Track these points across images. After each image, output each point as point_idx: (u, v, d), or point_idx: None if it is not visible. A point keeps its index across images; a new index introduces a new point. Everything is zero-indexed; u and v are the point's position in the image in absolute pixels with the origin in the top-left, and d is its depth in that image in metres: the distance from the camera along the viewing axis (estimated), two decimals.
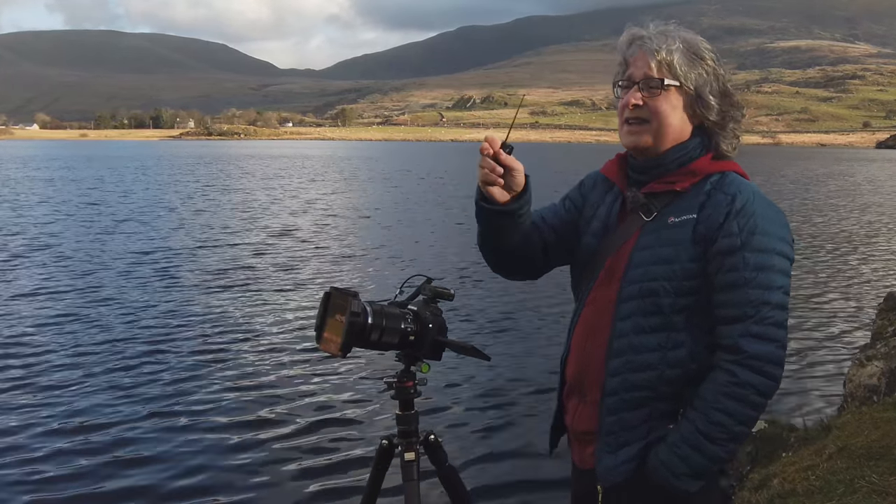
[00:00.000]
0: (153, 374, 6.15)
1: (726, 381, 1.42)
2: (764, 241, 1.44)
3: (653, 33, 1.54)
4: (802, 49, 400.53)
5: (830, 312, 8.63)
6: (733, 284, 1.43)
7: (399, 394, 1.68)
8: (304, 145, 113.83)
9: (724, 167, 1.55)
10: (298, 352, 6.80)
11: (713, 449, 1.42)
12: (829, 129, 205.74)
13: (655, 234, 1.51)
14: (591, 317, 1.58)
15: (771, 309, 1.43)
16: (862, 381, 3.89)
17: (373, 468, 1.75)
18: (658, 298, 1.47)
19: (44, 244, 13.16)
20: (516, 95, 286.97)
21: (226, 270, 10.99)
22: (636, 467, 1.49)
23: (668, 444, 1.46)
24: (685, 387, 1.48)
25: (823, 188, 29.29)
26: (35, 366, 6.33)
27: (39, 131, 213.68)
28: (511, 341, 7.33)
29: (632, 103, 1.52)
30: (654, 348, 1.48)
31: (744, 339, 1.42)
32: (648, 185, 1.56)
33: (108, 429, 5.03)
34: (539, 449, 4.73)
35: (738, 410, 1.42)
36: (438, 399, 5.59)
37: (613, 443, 1.52)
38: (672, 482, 1.45)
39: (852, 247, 14.11)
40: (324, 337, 1.59)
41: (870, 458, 3.08)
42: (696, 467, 1.44)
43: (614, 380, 1.51)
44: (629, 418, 1.51)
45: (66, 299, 8.88)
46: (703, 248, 1.46)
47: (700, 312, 1.48)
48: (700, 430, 1.43)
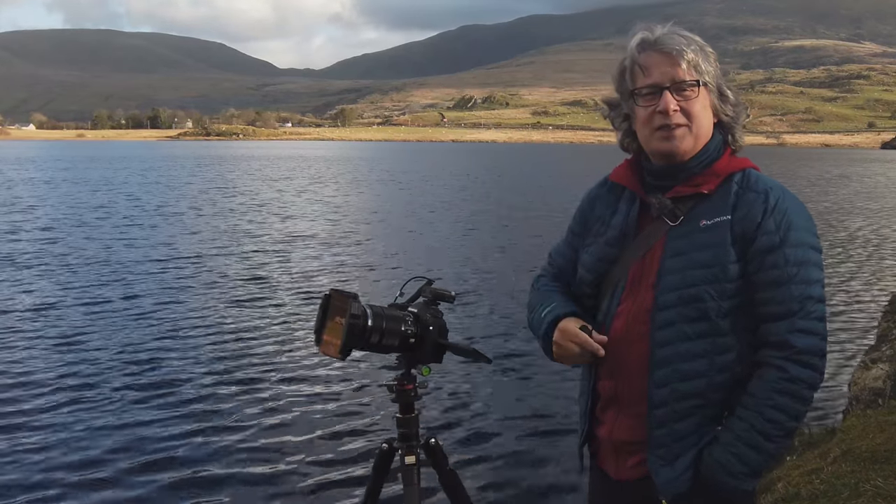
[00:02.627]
0: (150, 375, 6.14)
1: (778, 378, 1.42)
2: (799, 237, 1.45)
3: (668, 35, 1.51)
4: (807, 48, 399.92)
5: (835, 314, 8.58)
6: (776, 282, 1.43)
7: (399, 397, 1.67)
8: (303, 146, 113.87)
9: (742, 164, 1.55)
10: (298, 355, 6.77)
11: (769, 446, 1.43)
12: (834, 129, 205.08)
13: (687, 239, 1.49)
14: (623, 328, 1.54)
15: (814, 303, 1.44)
16: (867, 384, 3.86)
17: (373, 472, 1.73)
18: (702, 304, 1.45)
19: (64, 249, 13.09)
20: (518, 95, 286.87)
21: (225, 271, 10.99)
22: (695, 474, 1.48)
23: (723, 444, 1.45)
24: (733, 390, 1.48)
25: (844, 189, 29.48)
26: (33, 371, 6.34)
27: (36, 131, 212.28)
28: (513, 343, 7.29)
29: (672, 109, 1.48)
30: (701, 354, 1.46)
31: (791, 334, 1.42)
32: (673, 190, 1.53)
33: (107, 430, 5.02)
34: (542, 453, 4.71)
35: (791, 406, 1.43)
36: (439, 402, 5.56)
37: (667, 455, 1.50)
38: (730, 482, 1.44)
39: (859, 248, 14.05)
40: (323, 339, 1.58)
41: (875, 461, 3.05)
42: (754, 465, 1.44)
43: (662, 391, 1.48)
44: (680, 428, 1.49)
45: (72, 300, 8.90)
46: (742, 248, 1.45)
47: (743, 313, 1.47)
48: (756, 427, 1.42)
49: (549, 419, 5.29)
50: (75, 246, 13.10)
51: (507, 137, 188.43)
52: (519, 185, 31.55)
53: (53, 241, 13.55)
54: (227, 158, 60.68)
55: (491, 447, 4.87)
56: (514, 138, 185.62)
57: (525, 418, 5.36)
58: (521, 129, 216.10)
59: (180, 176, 35.65)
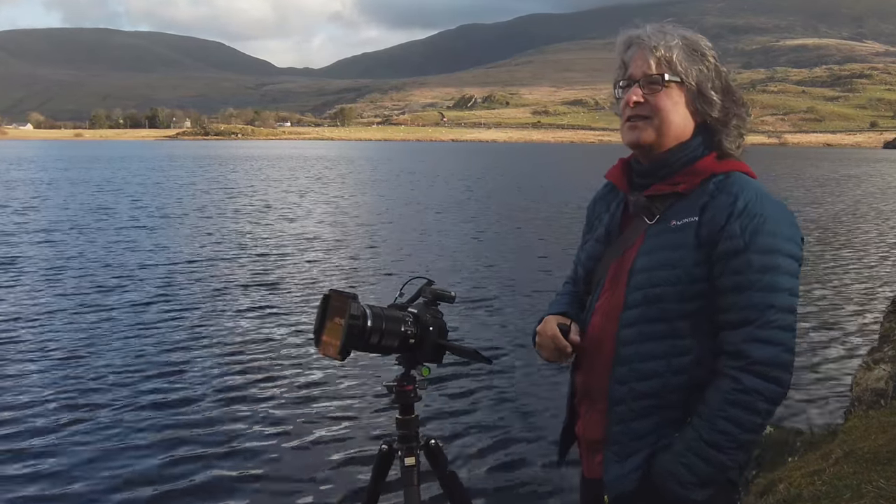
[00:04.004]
0: (148, 374, 6.13)
1: (731, 389, 1.38)
2: (769, 242, 1.39)
3: (650, 32, 1.52)
4: (809, 48, 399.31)
5: (837, 315, 8.55)
6: (737, 287, 1.39)
7: (399, 398, 1.66)
8: (303, 146, 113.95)
9: (730, 167, 1.50)
10: (296, 355, 6.75)
11: (719, 457, 1.39)
12: (836, 129, 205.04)
13: (658, 239, 1.48)
14: (598, 324, 1.55)
15: (776, 312, 1.38)
16: (869, 384, 3.84)
17: (373, 473, 1.72)
18: (663, 304, 1.43)
19: (77, 252, 13.03)
20: (518, 95, 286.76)
21: (225, 272, 10.99)
22: (643, 476, 1.47)
23: (674, 452, 1.43)
24: (692, 393, 1.45)
25: (855, 190, 29.24)
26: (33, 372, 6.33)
27: (33, 131, 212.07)
28: (514, 344, 7.27)
29: (633, 100, 1.49)
30: (659, 356, 1.45)
31: (748, 343, 1.38)
32: (652, 188, 1.53)
33: (105, 433, 5.00)
34: (542, 455, 4.69)
35: (745, 418, 1.38)
36: (439, 403, 5.55)
37: (621, 452, 1.49)
38: (678, 491, 1.42)
39: (866, 248, 13.98)
40: (322, 340, 1.57)
41: (877, 462, 3.03)
42: (702, 476, 1.41)
43: (621, 388, 1.48)
44: (637, 427, 1.48)
45: (78, 301, 8.92)
46: (707, 251, 1.42)
47: (706, 318, 1.44)
48: (705, 438, 1.39)
49: (550, 421, 5.27)
50: (81, 249, 13.05)
51: (507, 137, 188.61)
52: (522, 185, 31.52)
53: (54, 244, 13.46)
54: (228, 158, 60.66)
55: (491, 448, 4.86)
56: (514, 138, 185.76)
57: (525, 420, 5.34)
58: (522, 129, 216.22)
59: (182, 176, 35.65)
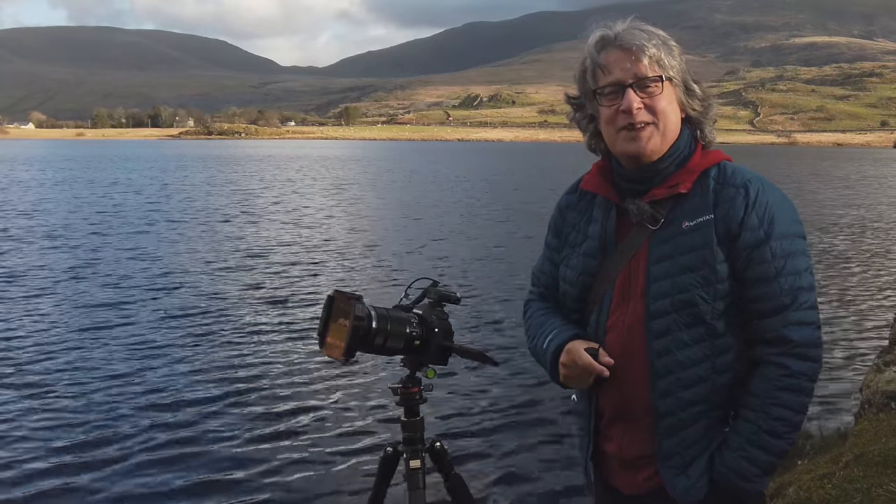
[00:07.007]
0: (147, 376, 6.15)
1: (779, 375, 1.40)
2: (783, 228, 1.43)
3: (627, 30, 1.47)
4: (818, 46, 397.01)
5: (848, 317, 8.47)
6: (765, 277, 1.41)
7: (404, 400, 1.65)
8: (308, 145, 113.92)
9: (716, 158, 1.50)
10: (301, 357, 6.75)
11: (778, 444, 1.41)
12: (846, 128, 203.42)
13: (672, 243, 1.45)
14: (619, 342, 1.48)
15: (805, 293, 1.42)
16: (880, 387, 3.80)
17: (377, 476, 1.71)
18: (696, 308, 1.42)
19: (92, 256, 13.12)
20: (524, 93, 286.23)
21: (226, 273, 11.01)
22: (710, 479, 1.46)
23: (733, 448, 1.43)
24: (736, 389, 1.46)
25: (883, 193, 28.79)
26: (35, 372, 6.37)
27: (35, 130, 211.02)
28: (520, 346, 7.25)
29: (635, 107, 1.43)
30: (701, 359, 1.43)
31: (787, 328, 1.40)
32: (649, 193, 1.48)
33: (107, 435, 5.03)
34: (549, 458, 4.67)
35: (796, 401, 1.41)
36: (445, 405, 5.52)
37: (680, 463, 1.47)
38: (744, 485, 1.43)
39: (882, 250, 13.86)
40: (327, 342, 1.56)
41: (887, 465, 3.01)
42: (766, 466, 1.43)
43: (666, 401, 1.45)
44: (688, 436, 1.46)
45: (85, 302, 8.99)
46: (728, 246, 1.42)
47: (736, 311, 1.45)
48: (763, 428, 1.41)
49: (556, 423, 5.25)
50: (90, 252, 13.12)
51: (513, 136, 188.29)
52: (529, 185, 31.46)
53: (59, 249, 13.39)
54: (232, 159, 60.70)
55: (496, 451, 4.83)
56: (520, 137, 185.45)
57: (531, 422, 5.31)
58: (528, 128, 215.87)
59: (186, 177, 35.79)
